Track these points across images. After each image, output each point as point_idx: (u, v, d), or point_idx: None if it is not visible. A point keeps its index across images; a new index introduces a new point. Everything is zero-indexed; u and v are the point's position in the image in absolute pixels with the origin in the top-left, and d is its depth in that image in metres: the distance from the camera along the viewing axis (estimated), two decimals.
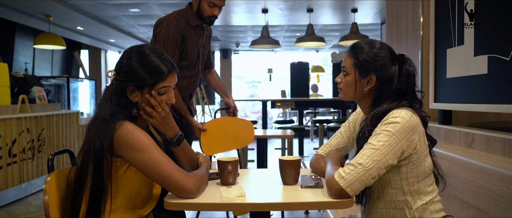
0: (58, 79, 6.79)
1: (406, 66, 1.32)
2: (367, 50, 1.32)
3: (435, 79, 2.09)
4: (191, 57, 2.28)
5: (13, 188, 3.69)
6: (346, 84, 1.36)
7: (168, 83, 1.31)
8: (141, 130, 1.26)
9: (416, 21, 2.50)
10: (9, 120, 3.55)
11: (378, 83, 1.32)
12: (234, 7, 6.10)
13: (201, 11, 2.23)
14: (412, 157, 1.24)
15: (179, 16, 2.24)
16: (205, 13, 2.23)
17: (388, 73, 1.30)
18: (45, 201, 1.21)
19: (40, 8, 5.94)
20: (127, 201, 1.29)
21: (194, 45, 2.28)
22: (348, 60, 1.36)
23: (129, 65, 1.29)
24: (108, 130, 1.23)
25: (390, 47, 1.35)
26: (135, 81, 1.28)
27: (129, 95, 1.29)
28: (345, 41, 5.92)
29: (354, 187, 1.17)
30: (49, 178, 1.25)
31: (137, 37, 8.84)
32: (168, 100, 1.32)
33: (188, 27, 2.24)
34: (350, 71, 1.34)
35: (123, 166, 1.27)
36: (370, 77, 1.32)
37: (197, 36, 2.30)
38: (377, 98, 1.33)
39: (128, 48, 1.34)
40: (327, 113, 9.53)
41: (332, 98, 6.55)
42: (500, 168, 1.28)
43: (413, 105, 1.29)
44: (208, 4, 2.21)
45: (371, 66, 1.31)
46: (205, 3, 2.21)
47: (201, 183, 1.26)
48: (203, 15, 2.24)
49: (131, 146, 1.22)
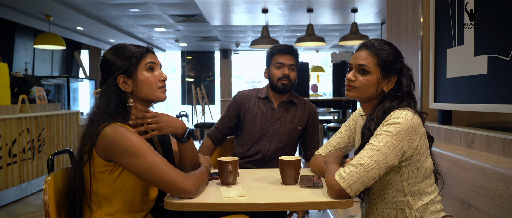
0: (58, 79, 6.79)
1: (406, 67, 1.33)
2: (390, 51, 1.30)
3: (435, 79, 2.09)
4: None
5: (13, 188, 3.68)
6: (366, 83, 1.30)
7: (151, 58, 1.33)
8: (133, 132, 1.24)
9: (416, 21, 2.50)
10: (9, 120, 3.55)
11: (395, 86, 1.31)
12: (234, 7, 6.09)
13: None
14: (413, 158, 1.24)
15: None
16: None
17: (403, 72, 1.31)
18: (45, 201, 1.21)
19: (40, 8, 5.94)
20: (124, 205, 1.27)
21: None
22: (370, 58, 1.29)
23: (108, 60, 1.31)
24: (94, 129, 1.23)
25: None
26: (121, 66, 1.28)
27: (123, 86, 1.29)
28: (345, 41, 5.91)
29: (354, 187, 1.17)
30: (49, 178, 1.25)
31: (137, 37, 8.84)
32: (160, 77, 1.34)
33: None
34: (373, 71, 1.29)
35: (117, 170, 1.25)
36: (391, 78, 1.30)
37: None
38: (384, 98, 1.32)
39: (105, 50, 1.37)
40: (327, 113, 9.53)
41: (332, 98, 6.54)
42: (500, 168, 1.28)
43: (411, 104, 1.30)
44: None
45: (395, 67, 1.30)
46: None
47: (200, 183, 1.26)
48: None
49: (125, 151, 1.19)
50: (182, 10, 6.34)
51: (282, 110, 2.13)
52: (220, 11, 6.37)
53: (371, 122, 1.28)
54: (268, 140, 2.09)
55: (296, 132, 2.12)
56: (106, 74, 1.31)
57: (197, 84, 10.43)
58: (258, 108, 2.13)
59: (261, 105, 2.14)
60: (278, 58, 2.08)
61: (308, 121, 2.16)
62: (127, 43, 1.37)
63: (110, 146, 1.20)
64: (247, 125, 2.12)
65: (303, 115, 2.15)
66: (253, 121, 2.11)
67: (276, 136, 2.09)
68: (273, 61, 2.09)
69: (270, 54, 2.12)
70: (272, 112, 2.12)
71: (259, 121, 2.11)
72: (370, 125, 1.28)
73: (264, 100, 2.15)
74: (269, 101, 2.14)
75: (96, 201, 1.26)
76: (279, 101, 2.14)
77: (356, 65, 1.32)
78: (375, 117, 1.28)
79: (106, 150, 1.21)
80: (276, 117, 2.11)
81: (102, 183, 1.24)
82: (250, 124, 2.12)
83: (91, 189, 1.25)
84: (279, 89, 2.08)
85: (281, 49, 2.08)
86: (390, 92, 1.31)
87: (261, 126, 2.10)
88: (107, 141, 1.20)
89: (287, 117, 2.12)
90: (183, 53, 11.43)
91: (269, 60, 2.13)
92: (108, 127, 1.22)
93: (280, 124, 2.11)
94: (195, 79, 11.46)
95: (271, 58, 2.11)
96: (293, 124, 2.12)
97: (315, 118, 2.19)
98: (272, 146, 2.09)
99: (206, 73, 11.69)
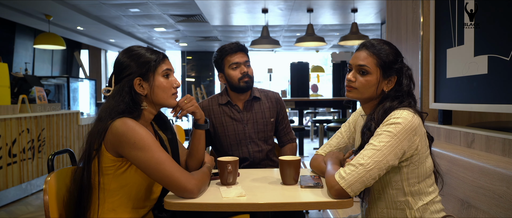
0: (58, 79, 6.79)
1: (406, 67, 1.33)
2: (389, 51, 1.30)
3: (435, 79, 2.09)
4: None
5: (13, 188, 3.68)
6: (366, 83, 1.30)
7: (168, 65, 1.38)
8: (143, 127, 1.25)
9: (416, 21, 2.50)
10: (9, 120, 3.55)
11: (395, 85, 1.31)
12: (234, 7, 6.09)
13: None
14: (413, 158, 1.24)
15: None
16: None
17: (403, 74, 1.31)
18: (45, 201, 1.21)
19: (40, 8, 5.94)
20: (127, 200, 1.29)
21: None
22: (370, 59, 1.29)
23: (123, 62, 1.32)
24: (103, 126, 1.24)
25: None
26: (138, 69, 1.31)
27: (138, 88, 1.31)
28: (345, 41, 5.91)
29: (354, 187, 1.17)
30: (49, 178, 1.25)
31: (137, 37, 8.84)
32: (175, 84, 1.39)
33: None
34: (373, 71, 1.29)
35: (124, 165, 1.26)
36: (391, 78, 1.30)
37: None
38: (385, 98, 1.32)
39: (120, 52, 1.38)
40: (327, 113, 9.53)
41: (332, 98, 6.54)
42: (500, 168, 1.28)
43: (411, 104, 1.30)
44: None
45: (395, 67, 1.30)
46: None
47: (202, 184, 1.26)
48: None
49: (133, 144, 1.21)
50: (182, 10, 6.34)
51: (250, 109, 2.05)
52: (220, 11, 6.37)
53: (371, 122, 1.28)
54: (247, 143, 2.02)
55: (270, 125, 2.07)
56: (120, 75, 1.32)
57: (197, 84, 10.43)
58: (224, 115, 2.04)
59: (227, 111, 2.04)
60: (230, 59, 1.97)
61: (277, 110, 2.11)
62: (134, 44, 1.41)
63: (119, 139, 1.21)
64: (221, 136, 2.03)
65: (272, 107, 2.10)
66: (225, 131, 2.03)
67: (254, 136, 2.03)
68: (226, 64, 1.99)
69: (219, 57, 2.01)
70: (240, 115, 2.04)
71: (231, 128, 2.02)
72: (371, 125, 1.28)
73: (227, 106, 2.05)
74: (232, 105, 2.05)
75: (101, 197, 1.27)
76: (243, 101, 2.06)
77: (356, 65, 1.32)
78: (375, 117, 1.28)
79: (115, 143, 1.22)
80: (247, 118, 2.04)
81: (108, 178, 1.26)
82: (224, 134, 2.03)
83: (99, 185, 1.26)
84: (243, 88, 1.99)
85: (232, 48, 1.98)
86: (391, 92, 1.31)
87: (235, 131, 2.02)
88: (116, 134, 1.22)
89: (256, 114, 2.06)
90: (183, 53, 11.44)
91: (220, 63, 2.01)
92: (117, 121, 1.23)
93: (253, 123, 2.04)
94: (195, 79, 11.46)
95: (223, 60, 2.00)
96: (265, 119, 2.06)
97: (282, 104, 2.14)
98: (255, 147, 2.03)
99: (206, 73, 11.69)
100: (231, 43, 2.01)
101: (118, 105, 1.27)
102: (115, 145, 1.23)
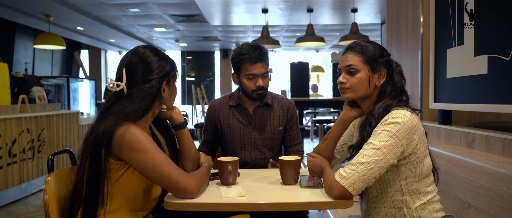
0: (58, 79, 6.79)
1: (395, 63, 1.38)
2: (372, 47, 1.34)
3: (435, 79, 2.09)
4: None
5: (13, 188, 3.69)
6: (357, 82, 1.32)
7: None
8: (140, 130, 1.24)
9: (416, 21, 2.50)
10: (9, 120, 3.55)
11: (387, 78, 1.34)
12: (234, 7, 6.09)
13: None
14: (411, 157, 1.24)
15: None
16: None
17: (392, 67, 1.35)
18: (45, 201, 1.21)
19: (40, 8, 5.94)
20: (126, 203, 1.28)
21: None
22: (355, 58, 1.33)
23: (152, 61, 1.31)
24: (107, 129, 1.22)
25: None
26: (173, 70, 1.37)
27: (162, 91, 1.33)
28: (345, 41, 5.91)
29: (356, 186, 1.17)
30: (49, 178, 1.25)
31: (137, 37, 8.84)
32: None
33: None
34: (361, 68, 1.32)
35: (123, 168, 1.26)
36: (381, 71, 1.33)
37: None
38: (381, 94, 1.34)
39: (138, 50, 1.34)
40: (327, 113, 9.53)
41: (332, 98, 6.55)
42: (500, 168, 1.28)
43: (403, 100, 1.32)
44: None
45: (381, 61, 1.33)
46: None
47: (201, 183, 1.26)
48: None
49: (130, 147, 1.20)
50: (182, 10, 6.34)
51: (259, 115, 1.98)
52: (220, 11, 6.37)
53: (371, 118, 1.29)
54: (251, 149, 1.97)
55: (278, 133, 1.99)
56: (149, 74, 1.29)
57: (197, 84, 10.43)
58: (233, 117, 1.98)
59: (236, 114, 1.98)
60: (248, 69, 1.84)
61: (287, 119, 2.02)
62: (132, 44, 1.41)
63: (117, 143, 1.21)
64: (226, 137, 1.99)
65: (282, 115, 2.00)
66: (231, 133, 1.97)
67: (259, 143, 1.97)
68: (243, 71, 1.86)
69: (238, 62, 1.87)
70: (248, 119, 1.97)
71: (237, 131, 1.97)
72: (371, 121, 1.28)
73: (237, 108, 1.98)
74: (243, 108, 1.97)
75: (100, 199, 1.26)
76: (254, 106, 1.98)
77: (344, 67, 1.36)
78: (375, 113, 1.28)
79: (114, 147, 1.22)
80: (254, 124, 1.97)
81: (108, 180, 1.25)
82: (229, 136, 1.98)
83: (99, 187, 1.25)
84: (255, 99, 1.92)
85: (251, 58, 1.82)
86: (386, 88, 1.32)
87: (240, 135, 1.97)
88: (115, 138, 1.21)
89: (265, 121, 1.98)
90: (183, 53, 11.44)
91: (237, 67, 1.89)
92: (120, 128, 1.21)
93: (260, 130, 1.97)
94: (195, 79, 11.46)
95: (239, 66, 1.87)
96: (273, 127, 1.98)
97: (293, 113, 2.04)
98: (258, 154, 1.98)
99: (206, 73, 11.69)
100: (252, 48, 1.85)
101: (139, 106, 1.25)
102: (115, 149, 1.22)
